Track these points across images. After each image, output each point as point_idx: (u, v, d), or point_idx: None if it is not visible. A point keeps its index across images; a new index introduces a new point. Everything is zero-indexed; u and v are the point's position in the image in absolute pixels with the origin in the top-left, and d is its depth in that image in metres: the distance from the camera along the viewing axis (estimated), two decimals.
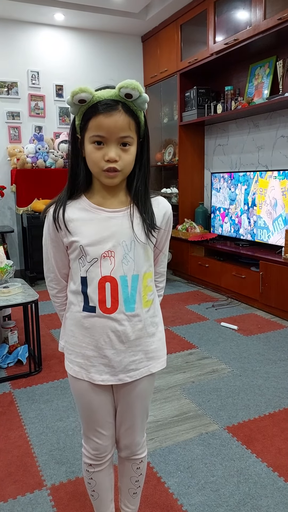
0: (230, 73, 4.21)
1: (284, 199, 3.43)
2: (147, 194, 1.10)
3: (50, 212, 1.10)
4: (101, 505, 1.29)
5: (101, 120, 0.98)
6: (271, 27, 3.21)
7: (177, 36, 4.44)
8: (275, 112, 3.74)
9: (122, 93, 0.97)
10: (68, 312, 1.16)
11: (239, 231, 4.00)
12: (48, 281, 1.20)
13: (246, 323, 3.20)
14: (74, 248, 1.08)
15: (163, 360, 1.18)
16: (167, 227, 1.15)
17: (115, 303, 1.07)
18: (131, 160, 1.04)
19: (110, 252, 1.05)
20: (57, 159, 4.56)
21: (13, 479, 1.63)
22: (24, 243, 4.55)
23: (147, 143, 1.08)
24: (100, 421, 1.17)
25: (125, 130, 1.00)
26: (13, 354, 2.58)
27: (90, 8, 4.33)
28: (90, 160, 1.03)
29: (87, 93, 0.97)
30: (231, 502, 1.49)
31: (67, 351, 1.16)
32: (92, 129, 0.99)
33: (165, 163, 4.93)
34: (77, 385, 1.15)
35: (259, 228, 3.74)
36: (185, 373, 2.44)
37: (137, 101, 1.00)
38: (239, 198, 3.95)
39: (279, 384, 2.28)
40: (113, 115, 0.98)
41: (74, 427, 1.95)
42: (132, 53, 5.11)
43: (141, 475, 1.29)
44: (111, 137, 0.99)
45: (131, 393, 1.15)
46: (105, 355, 1.09)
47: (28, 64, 4.65)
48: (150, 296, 1.13)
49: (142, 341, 1.12)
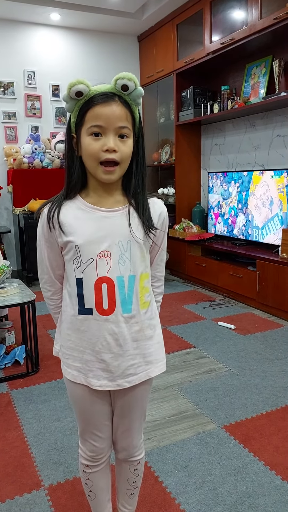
0: (227, 72, 4.21)
1: (280, 196, 3.44)
2: (145, 192, 1.09)
3: (44, 212, 1.08)
4: (98, 505, 1.29)
5: (98, 110, 0.98)
6: (267, 27, 3.22)
7: (173, 35, 4.44)
8: (271, 112, 3.75)
9: (118, 85, 0.98)
10: (63, 315, 1.14)
11: (236, 231, 4.00)
12: (42, 282, 1.18)
13: (243, 322, 3.21)
14: (69, 248, 1.06)
15: (162, 364, 1.17)
16: (163, 228, 1.14)
17: (112, 304, 1.05)
18: (129, 152, 1.03)
19: (106, 252, 1.04)
20: (54, 159, 4.55)
21: (11, 479, 1.63)
22: (21, 243, 4.54)
23: (142, 140, 1.08)
24: (97, 424, 1.16)
25: (122, 120, 1.00)
26: (10, 355, 2.58)
27: (86, 8, 4.33)
28: (87, 152, 1.01)
29: (84, 85, 0.98)
30: (229, 501, 1.49)
31: (64, 355, 1.14)
32: (90, 120, 0.99)
33: (161, 163, 4.93)
34: (75, 390, 1.14)
35: (255, 228, 3.75)
36: (182, 372, 2.44)
37: (133, 94, 1.00)
38: (236, 197, 3.95)
39: (276, 383, 2.29)
40: (110, 104, 0.99)
41: (71, 427, 1.94)
42: (129, 53, 5.10)
43: (138, 476, 1.29)
44: (109, 127, 0.99)
45: (129, 397, 1.15)
46: (103, 359, 1.07)
47: (24, 64, 4.64)
48: (147, 298, 1.12)
49: (140, 344, 1.10)
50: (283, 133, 3.66)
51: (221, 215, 4.20)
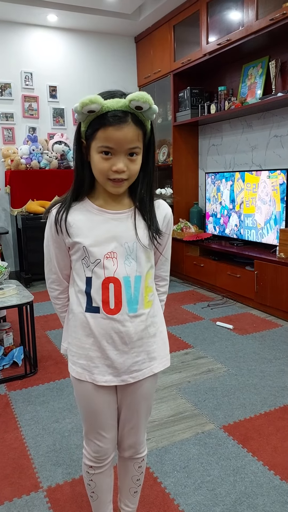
0: (223, 73, 4.22)
1: (274, 194, 3.45)
2: (152, 201, 1.11)
3: (52, 213, 1.10)
4: (100, 506, 1.29)
5: (110, 132, 0.97)
6: (263, 28, 3.23)
7: (170, 36, 4.45)
8: (268, 112, 3.76)
9: (132, 105, 0.97)
10: (70, 314, 1.16)
11: (233, 231, 4.01)
12: (49, 282, 1.19)
13: (242, 322, 3.21)
14: (76, 249, 1.08)
15: (166, 360, 1.19)
16: (167, 230, 1.16)
17: (119, 304, 1.07)
18: (137, 169, 1.05)
19: (113, 253, 1.06)
20: (51, 160, 4.55)
21: (9, 481, 1.62)
22: (19, 244, 4.54)
23: (153, 150, 1.08)
24: (103, 423, 1.17)
25: (134, 142, 1.00)
26: (8, 356, 2.57)
27: (83, 9, 4.33)
28: (97, 169, 1.02)
29: (97, 104, 0.96)
30: (228, 501, 1.49)
31: (70, 352, 1.15)
32: (101, 140, 0.99)
33: (159, 163, 4.93)
34: (80, 387, 1.14)
35: (253, 228, 3.75)
36: (181, 373, 2.44)
37: (147, 113, 0.99)
38: (234, 197, 3.96)
39: (274, 383, 2.29)
40: (123, 128, 0.97)
41: (70, 428, 1.94)
42: (126, 54, 5.11)
43: (142, 473, 1.31)
44: (120, 149, 0.99)
45: (135, 394, 1.16)
46: (108, 356, 1.09)
47: (22, 65, 4.64)
48: (151, 297, 1.14)
49: (144, 342, 1.12)
50: (280, 133, 3.67)
51: (221, 215, 4.20)
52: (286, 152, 3.63)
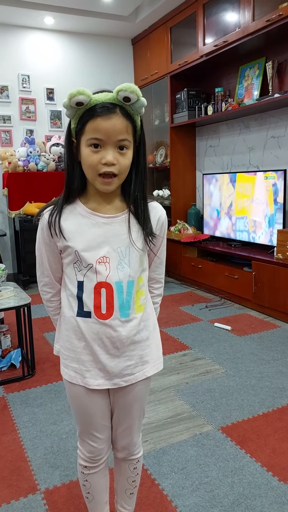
0: (220, 74, 4.23)
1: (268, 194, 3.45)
2: (145, 201, 1.09)
3: (44, 216, 1.08)
4: (96, 507, 1.29)
5: (98, 123, 0.97)
6: (260, 29, 3.24)
7: (167, 38, 4.45)
8: (265, 113, 3.76)
9: (120, 96, 0.96)
10: (62, 317, 1.15)
11: (231, 232, 4.01)
12: (41, 285, 1.18)
13: (240, 323, 3.21)
14: (68, 252, 1.07)
15: (159, 363, 1.18)
16: (161, 232, 1.14)
17: (110, 309, 1.06)
18: (128, 164, 1.03)
19: (105, 258, 1.05)
20: (49, 162, 4.55)
21: (7, 483, 1.62)
22: (17, 246, 4.54)
23: (144, 147, 1.07)
24: (96, 424, 1.16)
25: (122, 133, 0.98)
26: (6, 358, 2.57)
27: (80, 12, 4.34)
28: (86, 163, 1.01)
29: (84, 96, 0.95)
30: (226, 503, 1.49)
31: (62, 355, 1.15)
32: (89, 132, 0.98)
33: (157, 165, 4.94)
34: (73, 390, 1.14)
35: (250, 229, 3.76)
36: (178, 374, 2.44)
37: (135, 105, 0.99)
38: (232, 198, 3.96)
39: (272, 384, 2.29)
40: (111, 118, 0.97)
41: (68, 430, 1.94)
42: (123, 55, 5.12)
43: (137, 475, 1.30)
44: (109, 140, 0.98)
45: (128, 396, 1.15)
46: (100, 360, 1.08)
47: (19, 67, 4.65)
48: (143, 301, 1.12)
49: (137, 346, 1.11)
50: (277, 134, 3.67)
51: (211, 216, 4.21)
52: (284, 153, 3.64)
